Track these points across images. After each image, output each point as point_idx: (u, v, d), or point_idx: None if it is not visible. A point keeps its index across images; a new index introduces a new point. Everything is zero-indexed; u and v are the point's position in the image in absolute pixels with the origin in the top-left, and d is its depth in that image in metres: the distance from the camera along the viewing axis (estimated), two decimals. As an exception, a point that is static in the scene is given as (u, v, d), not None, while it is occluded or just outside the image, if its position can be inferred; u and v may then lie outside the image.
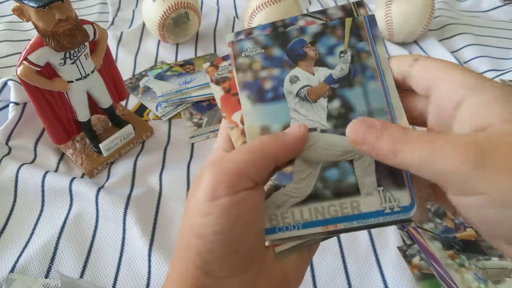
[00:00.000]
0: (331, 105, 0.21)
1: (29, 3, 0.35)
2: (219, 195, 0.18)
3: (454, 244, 0.39)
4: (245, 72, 0.23)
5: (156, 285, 0.38)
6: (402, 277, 0.37)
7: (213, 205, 0.18)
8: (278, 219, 0.20)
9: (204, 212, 0.18)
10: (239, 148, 0.20)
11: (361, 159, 0.20)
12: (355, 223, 0.20)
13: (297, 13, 0.65)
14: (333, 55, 0.22)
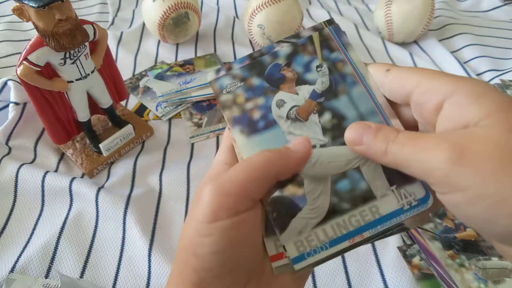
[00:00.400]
0: (323, 119, 0.22)
1: (29, 3, 0.35)
2: (219, 217, 0.18)
3: (454, 244, 0.39)
4: (230, 108, 0.23)
5: (156, 285, 0.38)
6: (402, 277, 0.37)
7: (212, 227, 0.18)
8: (304, 245, 0.20)
9: (202, 233, 0.18)
10: (240, 165, 0.19)
11: (366, 164, 0.20)
12: (379, 228, 0.20)
13: (297, 13, 0.65)
14: (311, 71, 0.23)
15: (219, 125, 0.56)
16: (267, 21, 0.64)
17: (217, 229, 0.18)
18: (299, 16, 0.66)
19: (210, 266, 0.18)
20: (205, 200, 0.18)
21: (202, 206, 0.18)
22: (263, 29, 0.65)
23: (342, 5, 0.86)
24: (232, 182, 0.19)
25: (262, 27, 0.65)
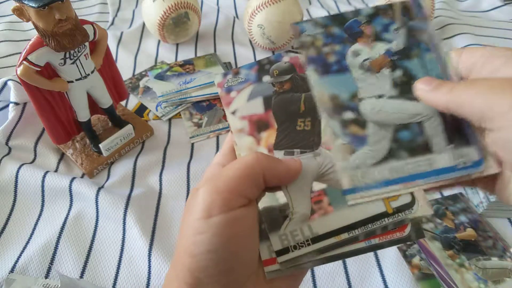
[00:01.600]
0: (394, 75, 0.23)
1: (29, 3, 0.35)
2: (212, 213, 0.18)
3: (454, 244, 0.39)
4: (308, 49, 0.23)
5: (156, 285, 0.38)
6: (402, 277, 0.37)
7: (206, 224, 0.18)
8: (358, 179, 0.20)
9: (197, 231, 0.18)
10: (232, 163, 0.20)
11: (430, 120, 0.21)
12: (433, 179, 0.20)
13: (297, 13, 0.65)
14: (388, 32, 0.24)
15: (219, 125, 0.56)
16: (267, 21, 0.64)
17: (211, 225, 0.18)
18: (299, 16, 0.66)
19: (205, 265, 0.18)
20: (200, 198, 0.19)
21: (196, 204, 0.19)
22: (263, 29, 0.65)
23: (342, 5, 0.86)
24: (223, 179, 0.19)
25: (262, 27, 0.65)
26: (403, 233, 0.21)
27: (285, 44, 0.68)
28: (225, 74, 0.24)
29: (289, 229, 0.20)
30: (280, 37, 0.66)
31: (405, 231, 0.21)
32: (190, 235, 0.19)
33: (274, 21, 0.63)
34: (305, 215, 0.20)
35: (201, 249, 0.18)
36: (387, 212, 0.20)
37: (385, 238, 0.21)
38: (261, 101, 0.23)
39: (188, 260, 0.19)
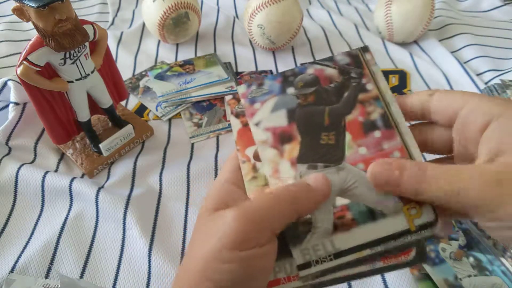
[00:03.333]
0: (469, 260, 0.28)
1: (29, 3, 0.35)
2: (245, 246, 0.18)
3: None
4: None
5: (156, 285, 0.38)
6: (402, 278, 0.37)
7: (234, 255, 0.18)
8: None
9: (223, 260, 0.18)
10: (267, 196, 0.19)
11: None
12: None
13: (297, 13, 0.65)
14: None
15: (219, 125, 0.56)
16: (267, 21, 0.64)
17: (240, 258, 0.18)
18: (299, 16, 0.66)
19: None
20: (231, 226, 0.18)
21: (227, 231, 0.18)
22: (263, 29, 0.65)
23: (342, 5, 0.86)
24: (259, 213, 0.19)
25: (262, 27, 0.64)
26: (408, 257, 0.21)
27: (285, 44, 0.68)
28: (249, 85, 0.24)
29: (311, 243, 0.20)
30: (280, 37, 0.66)
31: (409, 254, 0.21)
32: (213, 261, 0.18)
33: (274, 21, 0.63)
34: (327, 230, 0.20)
35: (224, 278, 0.18)
36: (410, 229, 0.20)
37: (389, 262, 0.21)
38: (285, 113, 0.22)
39: (206, 283, 0.18)
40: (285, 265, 0.21)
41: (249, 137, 0.23)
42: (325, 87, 0.23)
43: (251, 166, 0.23)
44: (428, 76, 0.63)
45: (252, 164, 0.23)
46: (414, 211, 0.20)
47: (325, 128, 0.22)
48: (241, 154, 0.23)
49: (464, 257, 0.38)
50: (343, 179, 0.21)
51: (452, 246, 0.38)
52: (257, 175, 0.22)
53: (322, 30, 0.76)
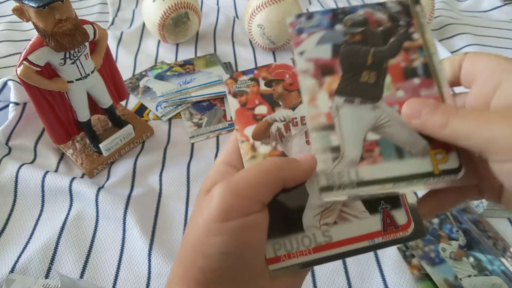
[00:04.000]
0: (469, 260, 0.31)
1: (29, 3, 0.35)
2: (230, 217, 0.18)
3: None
4: None
5: (156, 285, 0.38)
6: (402, 278, 0.37)
7: (223, 227, 0.18)
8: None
9: (213, 233, 0.18)
10: (251, 168, 0.20)
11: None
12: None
13: (297, 13, 0.65)
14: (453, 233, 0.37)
15: (219, 125, 0.56)
16: (267, 21, 0.64)
17: (228, 229, 0.18)
18: (299, 16, 0.66)
19: (218, 267, 0.19)
20: (217, 200, 0.19)
21: (213, 205, 0.19)
22: (263, 29, 0.65)
23: (342, 5, 0.86)
24: (244, 183, 0.19)
25: (262, 27, 0.64)
26: (406, 233, 0.21)
27: (285, 44, 0.68)
28: (299, 16, 0.24)
29: (337, 170, 0.20)
30: (280, 37, 0.66)
31: (407, 230, 0.21)
32: (204, 236, 0.19)
33: (274, 21, 0.63)
34: (354, 160, 0.20)
35: (215, 251, 0.18)
36: (434, 172, 0.20)
37: (388, 237, 0.21)
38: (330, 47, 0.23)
39: (200, 259, 0.19)
40: (285, 243, 0.21)
41: (247, 117, 0.24)
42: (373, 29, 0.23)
43: (250, 146, 0.23)
44: (428, 76, 0.63)
45: (251, 144, 0.23)
46: (440, 156, 0.20)
47: (368, 67, 0.22)
48: (239, 133, 0.23)
49: (464, 257, 0.38)
50: (377, 116, 0.21)
51: (452, 246, 0.39)
52: (256, 155, 0.23)
53: (322, 30, 0.75)
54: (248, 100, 0.24)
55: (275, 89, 0.24)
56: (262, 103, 0.24)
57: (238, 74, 0.25)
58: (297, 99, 0.24)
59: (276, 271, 0.21)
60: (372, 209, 0.22)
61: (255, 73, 0.25)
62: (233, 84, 0.25)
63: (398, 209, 0.21)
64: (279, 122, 0.24)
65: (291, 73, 0.25)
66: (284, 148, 0.23)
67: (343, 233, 0.21)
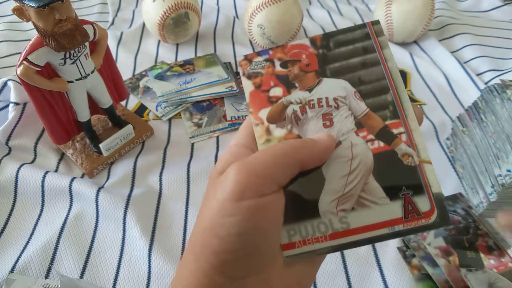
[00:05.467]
0: None
1: (29, 3, 0.35)
2: (245, 196, 0.18)
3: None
4: None
5: (156, 285, 0.38)
6: (402, 278, 0.37)
7: (238, 206, 0.18)
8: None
9: (227, 213, 0.18)
10: (268, 150, 0.19)
11: None
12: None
13: (297, 13, 0.65)
14: None
15: (219, 125, 0.56)
16: (267, 21, 0.64)
17: (243, 209, 0.18)
18: (299, 16, 0.66)
19: (232, 248, 0.18)
20: (232, 179, 0.18)
21: (228, 183, 0.18)
22: (263, 29, 0.65)
23: (342, 5, 0.86)
24: (260, 163, 0.19)
25: (262, 27, 0.64)
26: (429, 220, 0.20)
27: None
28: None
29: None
30: (280, 37, 0.66)
31: (430, 218, 0.20)
32: (217, 216, 0.18)
33: (274, 21, 0.63)
34: None
35: (230, 232, 0.18)
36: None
37: (409, 225, 0.20)
38: None
39: (213, 241, 0.18)
40: (301, 229, 0.20)
41: (262, 99, 0.23)
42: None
43: (264, 129, 0.22)
44: (428, 76, 0.63)
45: (265, 127, 0.22)
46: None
47: None
48: (254, 116, 0.23)
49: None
50: None
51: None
52: (271, 138, 0.22)
53: (322, 30, 0.76)
54: (262, 82, 0.23)
55: (291, 70, 0.23)
56: (278, 85, 0.23)
57: (252, 55, 0.24)
58: (314, 80, 0.23)
59: (291, 258, 0.20)
60: (393, 195, 0.20)
61: (270, 53, 0.24)
62: (247, 66, 0.24)
63: (420, 195, 0.20)
64: (295, 105, 0.23)
65: (307, 53, 0.24)
66: (300, 131, 0.22)
67: (361, 220, 0.20)
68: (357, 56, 0.23)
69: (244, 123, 0.23)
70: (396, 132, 0.21)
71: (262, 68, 0.24)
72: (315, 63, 0.23)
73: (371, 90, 0.22)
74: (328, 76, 0.23)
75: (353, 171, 0.21)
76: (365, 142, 0.21)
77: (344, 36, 0.24)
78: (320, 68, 0.23)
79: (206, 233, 0.19)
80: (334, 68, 0.23)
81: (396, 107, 0.22)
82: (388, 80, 0.22)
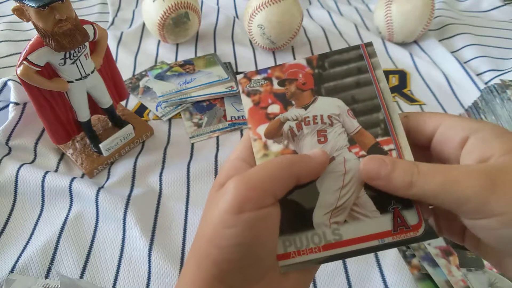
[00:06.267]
0: None
1: (29, 3, 0.35)
2: (245, 209, 0.19)
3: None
4: None
5: (156, 285, 0.38)
6: (402, 278, 0.37)
7: (238, 218, 0.19)
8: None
9: (228, 224, 0.19)
10: (265, 164, 0.20)
11: None
12: None
13: (297, 13, 0.65)
14: None
15: (219, 125, 0.56)
16: (267, 21, 0.64)
17: (242, 221, 0.19)
18: (299, 16, 0.66)
19: (232, 258, 0.19)
20: (232, 192, 0.19)
21: (228, 197, 0.19)
22: (263, 29, 0.65)
23: (342, 5, 0.86)
24: (258, 177, 0.20)
25: (262, 27, 0.65)
26: (417, 233, 0.21)
27: (285, 44, 0.68)
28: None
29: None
30: (280, 37, 0.66)
31: (418, 231, 0.21)
32: (218, 227, 0.19)
33: (274, 21, 0.63)
34: None
35: (229, 243, 0.19)
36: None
37: (398, 237, 0.21)
38: None
39: (214, 251, 0.19)
40: (295, 240, 0.21)
41: (260, 116, 0.24)
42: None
43: (262, 144, 0.23)
44: (428, 76, 0.63)
45: (263, 142, 0.23)
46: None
47: None
48: (252, 132, 0.24)
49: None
50: None
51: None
52: (268, 153, 0.23)
53: (322, 30, 0.76)
54: (261, 99, 0.24)
55: (288, 89, 0.24)
56: (275, 102, 0.24)
57: (252, 73, 0.25)
58: (310, 98, 0.24)
59: (286, 267, 0.21)
60: (383, 209, 0.21)
61: (269, 72, 0.25)
62: (246, 83, 0.25)
63: (409, 209, 0.21)
64: (292, 121, 0.24)
65: (304, 72, 0.25)
66: (296, 147, 0.23)
67: (353, 232, 0.21)
68: (351, 76, 0.24)
69: (243, 137, 0.24)
70: (387, 148, 0.22)
71: (260, 86, 0.25)
72: (311, 82, 0.24)
73: (363, 108, 0.23)
74: (323, 95, 0.24)
75: (345, 185, 0.22)
76: (357, 158, 0.22)
77: (339, 56, 0.25)
78: (316, 86, 0.24)
79: (207, 243, 0.20)
80: (329, 87, 0.24)
81: (387, 125, 0.23)
82: (380, 99, 0.23)
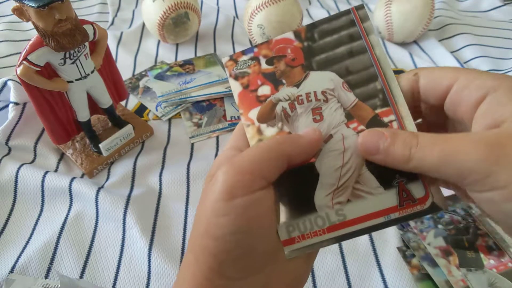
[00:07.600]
0: None
1: (29, 3, 0.35)
2: (235, 195, 0.18)
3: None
4: None
5: (156, 285, 0.38)
6: (401, 278, 0.37)
7: (229, 205, 0.18)
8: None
9: (220, 213, 0.18)
10: (254, 147, 0.20)
11: None
12: None
13: (297, 13, 0.65)
14: None
15: (219, 125, 0.56)
16: (267, 21, 0.64)
17: (234, 207, 0.18)
18: (299, 16, 0.66)
19: (228, 248, 0.18)
20: (221, 179, 0.18)
21: (217, 185, 0.18)
22: (263, 29, 0.65)
23: (342, 5, 0.86)
24: (246, 161, 0.19)
25: (262, 27, 0.64)
26: (424, 206, 0.20)
27: (285, 44, 0.68)
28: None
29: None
30: (280, 37, 0.65)
31: (425, 203, 0.20)
32: (211, 217, 0.18)
33: (274, 21, 0.63)
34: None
35: (224, 231, 0.18)
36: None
37: (404, 212, 0.20)
38: None
39: (210, 243, 0.18)
40: (299, 224, 0.20)
41: (250, 99, 0.23)
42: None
43: (255, 129, 0.22)
44: (428, 76, 0.63)
45: (256, 127, 0.22)
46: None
47: None
48: (244, 117, 0.23)
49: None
50: None
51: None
52: (263, 138, 0.22)
53: (322, 30, 0.75)
54: (250, 82, 0.23)
55: (277, 67, 0.23)
56: (265, 83, 0.23)
57: (237, 55, 0.24)
58: (301, 74, 0.23)
59: (292, 253, 0.20)
60: (387, 184, 0.20)
61: (255, 51, 0.24)
62: (233, 66, 0.24)
63: (414, 182, 0.20)
64: (284, 102, 0.22)
65: (292, 47, 0.23)
66: (291, 128, 0.22)
67: (358, 211, 0.20)
68: (343, 45, 0.22)
69: (237, 126, 0.23)
70: (387, 120, 0.21)
71: (248, 67, 0.23)
72: (300, 57, 0.23)
73: (359, 79, 0.22)
74: (315, 69, 0.22)
75: (345, 163, 0.21)
76: (356, 133, 0.21)
77: (329, 25, 0.23)
78: (306, 61, 0.23)
79: (203, 236, 0.19)
80: (320, 60, 0.23)
81: (386, 95, 0.21)
82: (376, 68, 0.22)
